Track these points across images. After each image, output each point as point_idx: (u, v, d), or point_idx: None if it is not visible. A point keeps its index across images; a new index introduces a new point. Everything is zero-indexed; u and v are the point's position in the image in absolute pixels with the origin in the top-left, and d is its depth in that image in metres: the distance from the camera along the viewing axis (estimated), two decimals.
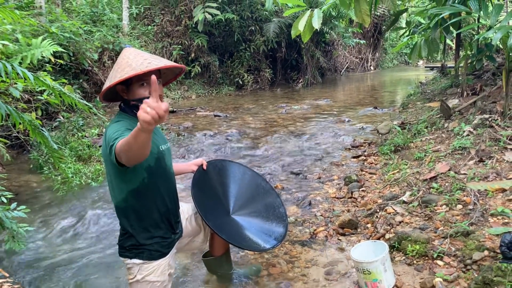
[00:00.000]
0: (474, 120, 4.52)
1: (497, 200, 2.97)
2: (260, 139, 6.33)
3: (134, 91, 1.92)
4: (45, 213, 4.05)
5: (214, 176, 2.53)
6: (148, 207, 1.97)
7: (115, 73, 1.87)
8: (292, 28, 4.77)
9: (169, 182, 2.08)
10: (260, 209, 2.56)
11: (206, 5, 10.67)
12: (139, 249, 1.99)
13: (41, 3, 7.72)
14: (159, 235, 2.01)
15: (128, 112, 1.98)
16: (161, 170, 2.01)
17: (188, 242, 2.37)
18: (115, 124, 1.87)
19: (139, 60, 1.86)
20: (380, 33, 19.28)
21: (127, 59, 1.88)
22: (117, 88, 1.95)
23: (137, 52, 1.94)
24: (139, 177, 1.92)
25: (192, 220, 2.37)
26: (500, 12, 4.71)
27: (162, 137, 2.14)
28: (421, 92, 8.69)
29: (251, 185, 2.66)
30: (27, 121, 2.48)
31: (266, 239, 2.38)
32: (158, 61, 1.90)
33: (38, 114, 5.28)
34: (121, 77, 1.81)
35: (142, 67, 1.81)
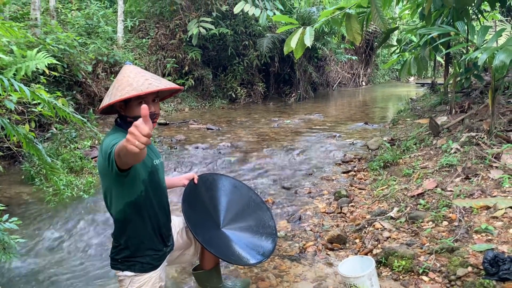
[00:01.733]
0: (462, 137, 4.62)
1: (482, 217, 3.04)
2: (251, 153, 6.38)
3: (132, 109, 1.97)
4: (36, 225, 4.05)
5: (205, 190, 2.57)
6: (146, 219, 2.03)
7: (115, 91, 1.91)
8: (285, 45, 4.86)
9: (161, 196, 2.13)
10: (250, 222, 2.60)
11: (201, 20, 10.79)
12: (131, 262, 2.02)
13: (37, 15, 7.78)
14: (151, 247, 2.05)
15: (123, 127, 2.02)
16: (154, 184, 2.06)
17: (179, 255, 2.41)
18: (111, 136, 1.92)
19: (140, 80, 1.91)
20: (372, 49, 19.57)
21: (128, 78, 1.93)
22: (115, 104, 2.00)
23: (137, 70, 1.99)
24: (137, 190, 1.97)
25: (183, 233, 2.41)
26: (487, 33, 4.86)
27: (155, 151, 2.19)
28: (411, 109, 8.83)
29: (242, 198, 2.70)
30: (22, 135, 2.52)
31: (254, 254, 2.42)
32: (158, 82, 1.96)
33: (32, 126, 5.29)
34: (121, 96, 1.86)
35: (143, 88, 1.87)
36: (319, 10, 11.97)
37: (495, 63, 3.62)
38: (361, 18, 5.70)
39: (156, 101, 2.04)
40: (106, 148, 1.80)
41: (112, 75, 9.11)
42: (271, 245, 2.50)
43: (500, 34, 4.91)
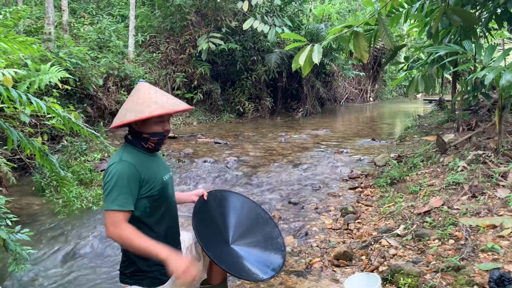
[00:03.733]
0: (469, 155, 4.63)
1: (488, 236, 3.05)
2: (259, 167, 6.43)
3: (149, 126, 2.04)
4: (45, 236, 4.11)
5: (215, 207, 2.60)
6: (150, 234, 2.02)
7: (139, 107, 1.96)
8: (293, 61, 4.93)
9: (170, 211, 2.17)
10: (259, 239, 2.61)
11: (210, 35, 10.95)
12: (139, 276, 2.06)
13: (50, 30, 7.97)
14: (157, 263, 2.05)
15: (135, 144, 2.08)
16: (163, 200, 2.11)
17: None
18: (121, 166, 1.94)
19: (163, 99, 2.00)
20: (380, 65, 19.65)
21: (149, 95, 2.00)
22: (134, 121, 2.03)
23: (155, 88, 2.08)
24: (141, 207, 2.01)
25: (192, 249, 2.43)
26: (494, 52, 4.90)
27: (165, 166, 2.24)
28: (418, 125, 8.84)
29: (251, 215, 2.71)
30: (37, 148, 2.59)
31: (264, 269, 2.43)
32: (179, 102, 2.09)
33: (44, 138, 5.40)
34: (151, 113, 1.94)
35: (170, 107, 1.98)
36: (327, 26, 12.11)
37: (502, 83, 3.65)
38: (368, 35, 5.78)
39: (170, 119, 2.17)
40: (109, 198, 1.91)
41: (123, 88, 9.25)
42: (280, 260, 2.51)
43: (507, 53, 4.94)
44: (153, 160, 2.14)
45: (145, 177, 2.00)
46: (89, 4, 12.91)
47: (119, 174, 1.91)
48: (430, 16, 5.72)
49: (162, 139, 2.10)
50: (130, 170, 1.94)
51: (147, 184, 2.00)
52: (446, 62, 5.91)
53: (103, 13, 12.54)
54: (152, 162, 2.11)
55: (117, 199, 1.88)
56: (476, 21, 5.45)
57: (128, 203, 1.90)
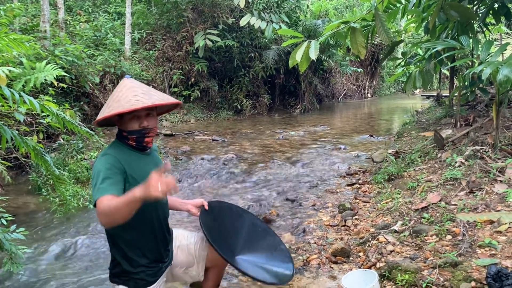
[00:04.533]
0: (466, 151, 4.62)
1: (485, 231, 3.04)
2: (256, 164, 6.42)
3: (126, 123, 1.98)
4: (42, 235, 4.09)
5: (215, 218, 2.52)
6: (135, 236, 2.00)
7: (105, 107, 1.94)
8: (290, 58, 4.91)
9: (159, 212, 2.10)
10: (264, 247, 2.53)
11: (207, 32, 10.92)
12: (126, 277, 2.01)
13: (46, 28, 7.92)
14: (144, 263, 2.02)
15: (121, 140, 2.04)
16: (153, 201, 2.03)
17: (182, 273, 2.34)
18: (105, 161, 1.89)
19: (128, 96, 1.90)
20: (378, 61, 19.64)
21: (119, 93, 1.94)
22: (112, 118, 2.01)
23: (131, 85, 1.98)
24: None
25: (184, 249, 2.34)
26: (491, 47, 4.88)
27: (155, 165, 2.09)
28: (416, 121, 8.84)
29: (249, 225, 2.64)
30: (31, 146, 2.57)
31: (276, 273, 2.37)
32: (147, 97, 1.92)
33: (40, 137, 5.37)
34: (108, 113, 1.88)
35: (127, 105, 1.86)
36: (325, 22, 12.08)
37: (499, 78, 3.64)
38: (365, 31, 5.76)
39: (151, 115, 2.01)
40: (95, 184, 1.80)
41: None
42: (290, 264, 2.45)
43: (504, 48, 4.93)
44: (143, 158, 2.06)
45: (130, 173, 1.92)
46: (85, 1, 12.84)
47: (100, 166, 1.85)
48: (427, 11, 5.70)
49: (141, 136, 1.99)
50: (112, 160, 1.88)
51: (130, 181, 1.90)
52: (444, 58, 5.89)
53: (99, 10, 12.49)
54: (140, 160, 2.03)
55: (100, 187, 1.77)
56: (473, 16, 5.43)
57: (110, 188, 1.77)
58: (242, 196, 5.09)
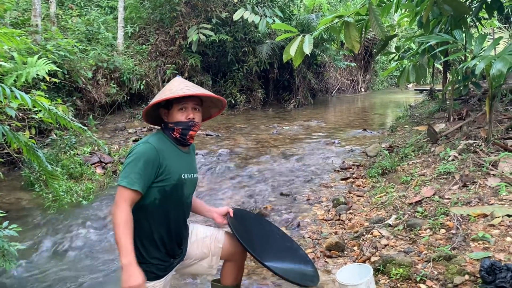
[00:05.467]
0: (460, 145, 4.65)
1: (479, 225, 3.07)
2: (251, 159, 6.41)
3: (173, 115, 2.08)
4: (35, 231, 4.06)
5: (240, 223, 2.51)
6: (152, 226, 2.04)
7: (157, 96, 2.08)
8: (284, 52, 4.90)
9: (180, 210, 2.14)
10: (284, 252, 2.54)
11: (201, 26, 10.85)
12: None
13: (37, 22, 7.82)
14: (157, 256, 2.05)
15: (165, 132, 2.14)
16: (175, 197, 2.07)
17: (192, 264, 2.34)
18: (144, 147, 1.99)
19: (180, 86, 2.05)
20: (371, 56, 19.65)
21: (171, 85, 2.09)
22: (160, 112, 2.14)
23: (182, 80, 2.13)
24: (151, 196, 2.00)
25: (200, 243, 2.34)
26: (484, 41, 4.90)
27: (191, 166, 2.21)
28: (409, 115, 8.87)
29: (268, 231, 2.67)
30: (23, 142, 2.54)
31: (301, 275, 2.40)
32: (197, 89, 2.08)
33: (32, 132, 5.31)
34: (159, 98, 2.02)
35: (180, 92, 2.00)
36: (318, 17, 12.05)
37: (492, 72, 3.65)
38: (359, 25, 5.75)
39: (198, 110, 2.12)
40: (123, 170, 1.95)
41: (112, 81, 9.15)
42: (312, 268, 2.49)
43: (497, 42, 4.95)
44: (181, 155, 2.14)
45: (165, 165, 2.00)
46: None
47: (139, 154, 1.94)
48: (421, 5, 5.70)
49: (187, 128, 2.07)
50: (151, 152, 1.96)
51: (163, 174, 1.99)
52: (437, 52, 5.90)
53: (91, 4, 12.35)
54: (178, 156, 2.11)
55: (128, 176, 1.90)
56: (467, 10, 5.44)
57: (137, 182, 1.89)
58: (236, 191, 5.08)
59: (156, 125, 2.24)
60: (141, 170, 1.91)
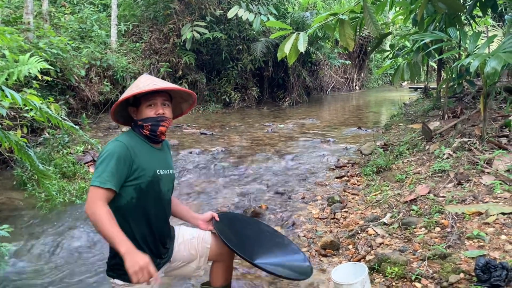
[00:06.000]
0: (454, 143, 4.65)
1: (474, 223, 3.06)
2: (245, 158, 6.38)
3: (142, 112, 2.05)
4: (27, 231, 4.02)
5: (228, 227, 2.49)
6: (133, 227, 1.99)
7: (124, 93, 2.04)
8: (279, 50, 4.87)
9: (159, 208, 2.10)
10: (276, 249, 2.54)
11: (195, 24, 10.80)
12: (121, 270, 1.99)
13: (29, 19, 7.74)
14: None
15: (136, 131, 2.10)
16: (153, 194, 2.04)
17: (180, 266, 2.33)
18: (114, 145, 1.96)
19: (146, 82, 2.03)
20: (366, 54, 19.66)
21: (138, 82, 2.06)
22: (129, 110, 2.11)
23: (149, 76, 2.11)
24: (127, 196, 1.96)
25: (187, 244, 2.32)
26: (478, 39, 4.90)
27: (166, 162, 2.18)
28: (404, 113, 8.88)
29: (257, 231, 2.67)
30: (14, 141, 2.50)
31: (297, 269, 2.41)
32: (164, 84, 2.07)
33: (24, 131, 5.25)
34: (126, 95, 1.99)
35: (147, 87, 1.97)
36: (313, 15, 12.03)
37: (487, 70, 3.65)
38: (354, 23, 5.74)
39: (167, 105, 2.10)
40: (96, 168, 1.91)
41: (106, 79, 9.08)
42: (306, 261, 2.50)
43: (491, 40, 4.95)
44: (154, 151, 2.11)
45: (138, 162, 1.97)
46: None
47: (110, 152, 1.91)
48: (415, 3, 5.69)
49: (156, 124, 2.04)
50: (121, 149, 1.93)
51: (137, 171, 1.96)
52: (432, 50, 5.90)
53: (84, 2, 12.24)
54: (151, 153, 2.08)
55: (101, 176, 1.85)
56: (461, 8, 5.44)
57: (109, 181, 1.85)
58: (231, 190, 5.06)
59: (127, 124, 2.21)
60: (112, 168, 1.87)
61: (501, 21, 12.02)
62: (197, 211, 4.34)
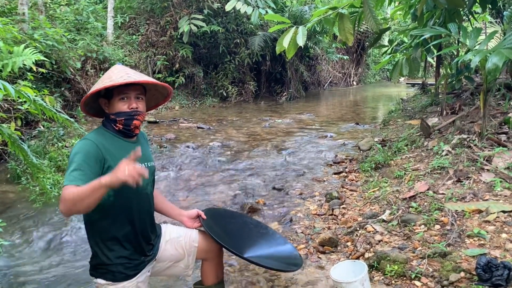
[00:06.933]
0: (453, 139, 4.62)
1: (474, 221, 3.03)
2: (242, 152, 6.34)
3: (114, 105, 1.95)
4: (21, 225, 3.96)
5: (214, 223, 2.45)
6: (113, 225, 1.94)
7: (96, 85, 1.92)
8: (277, 44, 4.81)
9: (140, 202, 2.03)
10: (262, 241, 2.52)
11: (192, 17, 10.70)
12: (103, 269, 1.95)
13: (24, 10, 7.62)
14: (123, 255, 1.96)
15: (107, 126, 2.00)
16: (131, 189, 1.85)
17: (169, 266, 2.29)
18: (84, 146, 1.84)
19: (120, 74, 1.90)
20: (363, 49, 19.60)
21: (111, 73, 1.93)
22: (100, 102, 1.99)
23: (123, 67, 1.98)
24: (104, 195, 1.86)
25: (174, 243, 2.27)
26: (479, 35, 4.85)
27: (143, 154, 2.03)
28: (402, 109, 8.85)
29: (241, 224, 2.65)
30: (6, 134, 2.44)
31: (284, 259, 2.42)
32: (138, 76, 1.94)
33: (18, 124, 5.18)
34: (98, 87, 1.87)
35: (120, 80, 1.86)
36: (311, 9, 11.95)
37: (488, 66, 3.60)
38: (353, 18, 5.67)
39: (141, 99, 1.99)
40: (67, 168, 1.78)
41: (102, 71, 8.98)
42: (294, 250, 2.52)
43: (492, 36, 4.91)
44: (127, 146, 1.98)
45: (109, 159, 1.86)
46: None
47: (78, 151, 1.81)
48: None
49: (130, 118, 1.94)
50: (90, 147, 1.83)
51: (110, 168, 1.82)
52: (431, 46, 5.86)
53: None
54: (123, 148, 1.95)
55: (70, 175, 1.72)
56: (461, 3, 5.39)
57: (80, 178, 1.70)
58: (228, 185, 5.01)
59: (98, 116, 2.12)
60: (82, 166, 1.75)
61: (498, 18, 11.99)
62: (192, 206, 4.30)
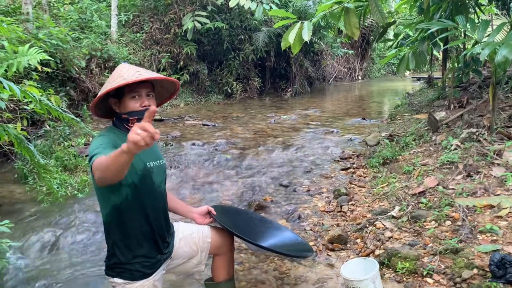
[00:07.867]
0: (462, 134, 4.56)
1: (485, 216, 2.99)
2: (248, 149, 6.30)
3: (125, 104, 1.92)
4: (29, 226, 3.95)
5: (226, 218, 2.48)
6: (131, 224, 1.94)
7: (106, 84, 1.88)
8: (282, 40, 4.77)
9: (155, 201, 2.03)
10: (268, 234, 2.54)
11: (196, 14, 10.66)
12: (121, 268, 1.95)
13: (28, 10, 7.62)
14: (141, 254, 1.96)
15: (118, 126, 1.98)
16: (147, 188, 1.96)
17: (182, 263, 2.28)
18: (100, 137, 1.85)
19: (131, 72, 1.88)
20: (368, 43, 19.48)
21: (120, 72, 1.91)
22: (110, 101, 1.96)
23: (131, 66, 1.96)
24: (122, 194, 1.89)
25: (187, 240, 2.27)
26: (487, 28, 4.77)
27: (153, 153, 2.08)
28: (408, 104, 8.77)
29: (247, 219, 2.68)
30: (13, 135, 2.43)
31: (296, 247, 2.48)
32: (149, 73, 1.91)
33: (24, 124, 5.17)
34: (111, 86, 1.83)
35: (133, 78, 1.83)
36: (315, 3, 11.85)
37: (497, 59, 3.54)
38: (358, 12, 5.61)
39: (151, 96, 1.97)
40: (90, 154, 1.74)
41: (106, 70, 8.98)
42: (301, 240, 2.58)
43: (501, 28, 4.82)
44: None
45: None
46: None
47: (95, 142, 1.80)
48: None
49: (142, 118, 1.92)
50: (106, 137, 1.83)
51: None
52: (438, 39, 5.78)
53: None
54: None
55: (94, 151, 1.69)
56: None
57: (103, 152, 1.64)
58: (234, 182, 4.99)
59: (106, 117, 2.08)
60: (103, 144, 1.74)
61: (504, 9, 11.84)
62: (199, 204, 4.29)
